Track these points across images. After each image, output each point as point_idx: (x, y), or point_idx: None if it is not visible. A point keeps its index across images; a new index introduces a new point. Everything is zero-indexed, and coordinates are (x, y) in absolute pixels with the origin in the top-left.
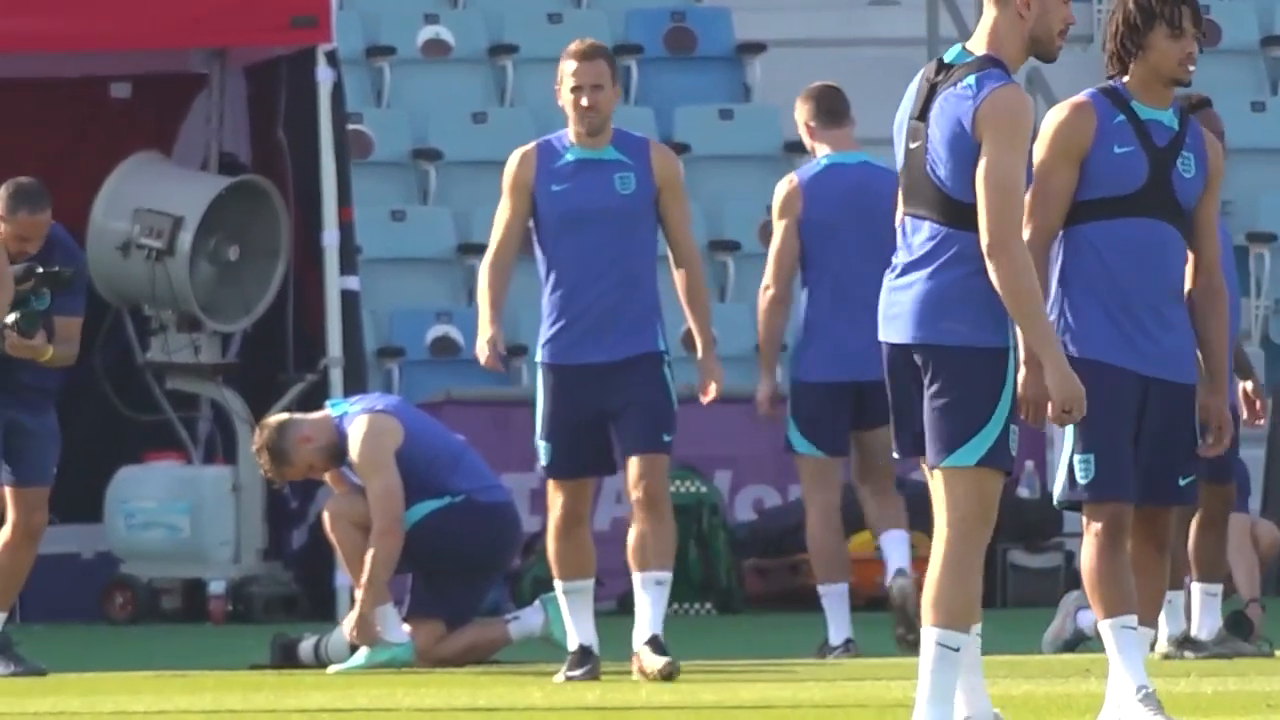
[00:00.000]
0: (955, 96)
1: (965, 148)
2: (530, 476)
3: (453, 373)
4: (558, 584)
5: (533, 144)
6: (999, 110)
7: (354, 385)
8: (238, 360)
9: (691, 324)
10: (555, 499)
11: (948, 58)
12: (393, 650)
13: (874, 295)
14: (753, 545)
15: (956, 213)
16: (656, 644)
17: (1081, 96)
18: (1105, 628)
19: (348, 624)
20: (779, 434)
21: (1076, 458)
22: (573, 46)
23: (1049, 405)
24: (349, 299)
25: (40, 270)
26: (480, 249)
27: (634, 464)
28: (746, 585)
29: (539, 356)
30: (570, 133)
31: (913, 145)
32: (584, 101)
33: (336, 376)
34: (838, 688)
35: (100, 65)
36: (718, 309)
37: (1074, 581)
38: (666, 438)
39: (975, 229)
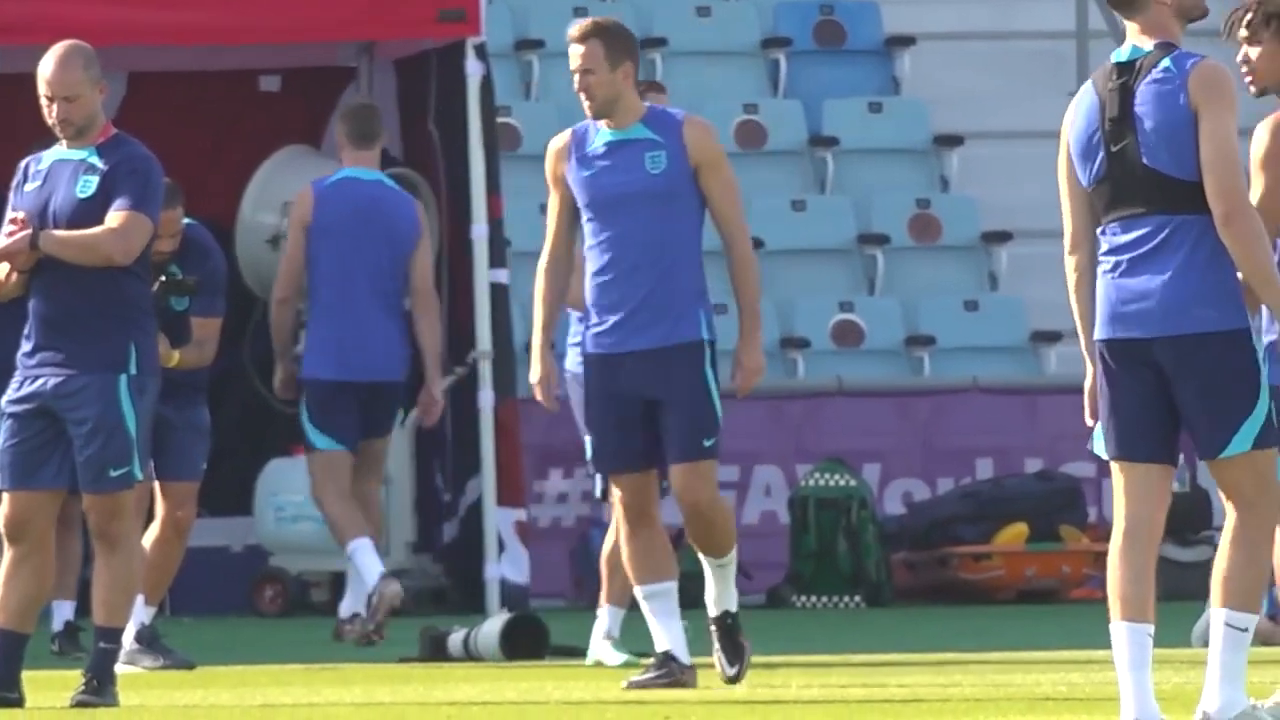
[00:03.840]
0: (1156, 83)
1: (1185, 125)
2: None
3: None
4: (637, 590)
5: (568, 131)
6: (1209, 80)
7: (503, 377)
8: None
9: (739, 306)
10: (617, 499)
11: (1122, 58)
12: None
13: (366, 302)
14: (901, 538)
15: (1184, 197)
16: (723, 624)
17: None
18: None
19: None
20: (928, 427)
21: None
22: (570, 29)
23: None
24: (498, 292)
25: (164, 278)
26: None
27: (676, 474)
28: (895, 578)
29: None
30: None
31: (1116, 147)
32: (576, 85)
33: (486, 369)
34: (987, 680)
35: (250, 59)
36: (866, 301)
37: None
38: (707, 442)
39: (1203, 210)
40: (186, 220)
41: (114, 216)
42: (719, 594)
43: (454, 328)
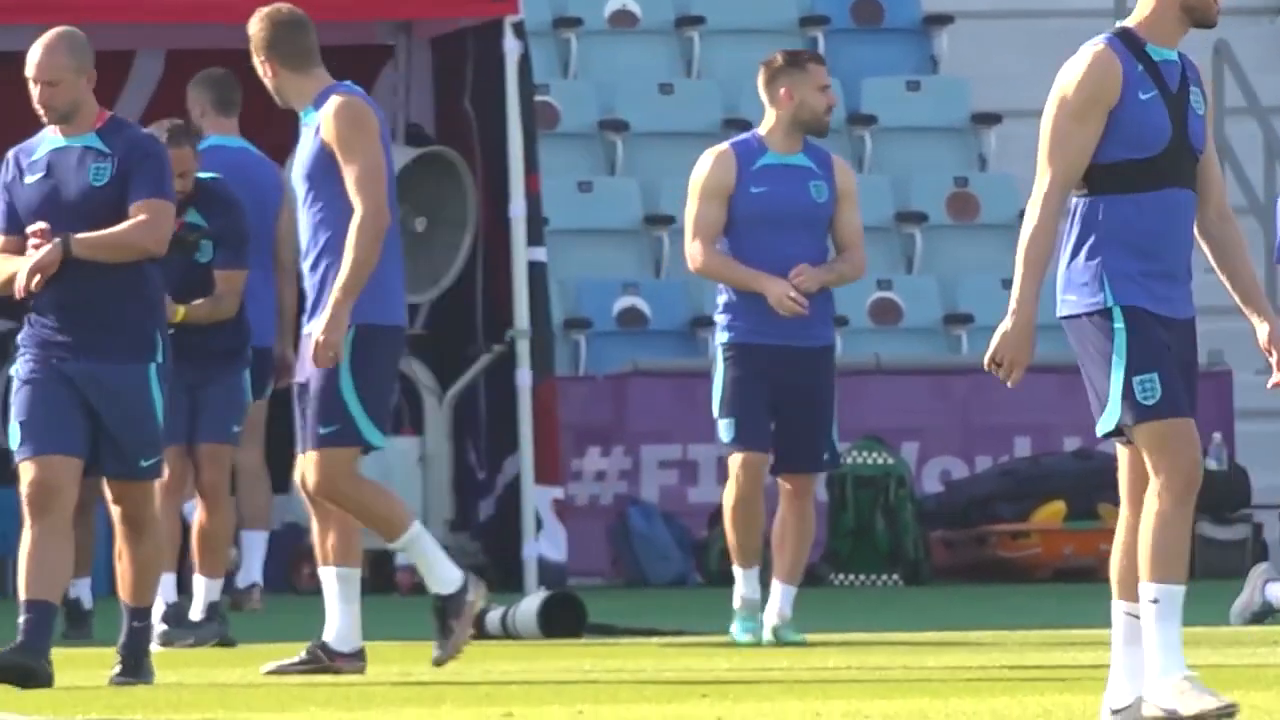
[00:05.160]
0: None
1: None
2: (716, 447)
3: (640, 344)
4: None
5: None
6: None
7: (540, 356)
8: (425, 331)
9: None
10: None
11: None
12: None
13: None
14: (939, 517)
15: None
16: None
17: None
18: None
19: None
20: (967, 405)
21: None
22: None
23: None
24: (536, 270)
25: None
26: (667, 220)
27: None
28: (933, 556)
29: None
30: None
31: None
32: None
33: (523, 348)
34: (1025, 658)
35: None
36: (904, 280)
37: (1262, 553)
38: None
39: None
40: (210, 175)
41: (140, 208)
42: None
43: (491, 306)
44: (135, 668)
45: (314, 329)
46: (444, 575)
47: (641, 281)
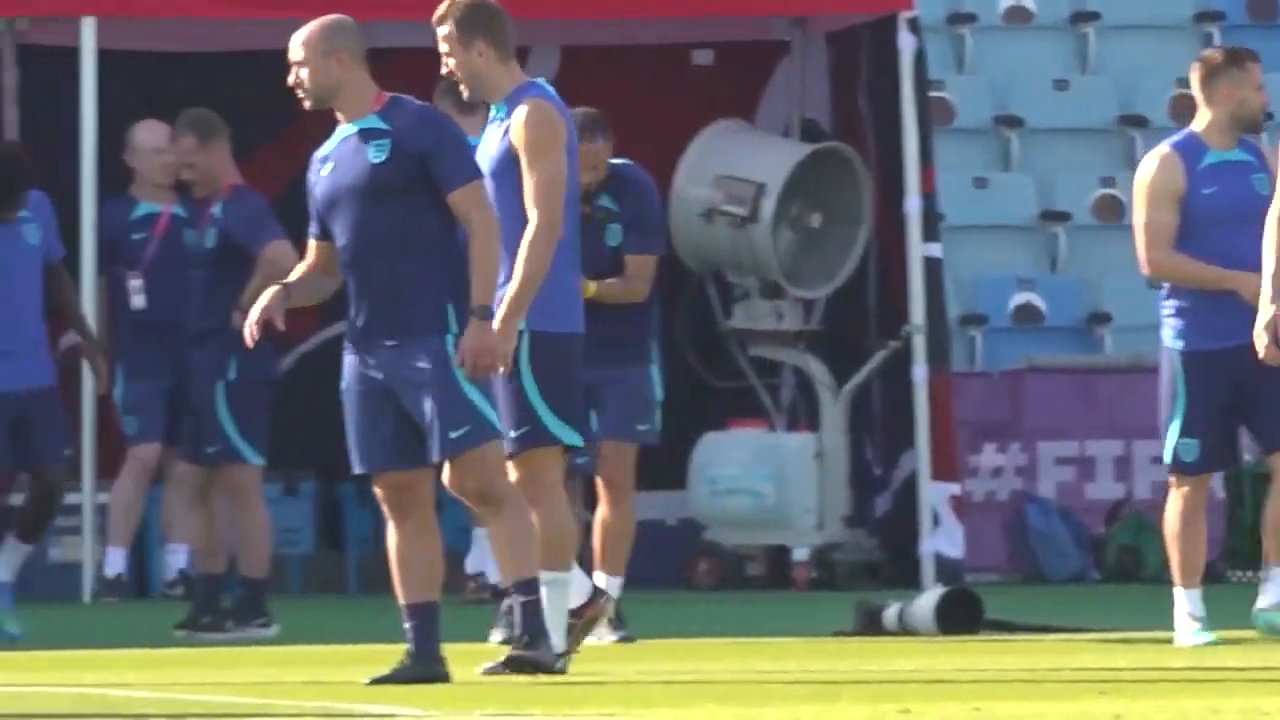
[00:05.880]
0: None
1: None
2: (1114, 444)
3: (1035, 340)
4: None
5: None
6: None
7: (936, 352)
8: (820, 327)
9: None
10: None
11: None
12: None
13: None
14: None
15: None
16: None
17: None
18: None
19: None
20: None
21: None
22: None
23: None
24: (931, 266)
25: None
26: (1062, 216)
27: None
28: None
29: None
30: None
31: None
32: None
33: (919, 343)
34: None
35: (683, 33)
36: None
37: None
38: None
39: None
40: (623, 160)
41: (462, 196)
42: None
43: (887, 302)
44: (532, 642)
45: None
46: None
47: (1037, 278)
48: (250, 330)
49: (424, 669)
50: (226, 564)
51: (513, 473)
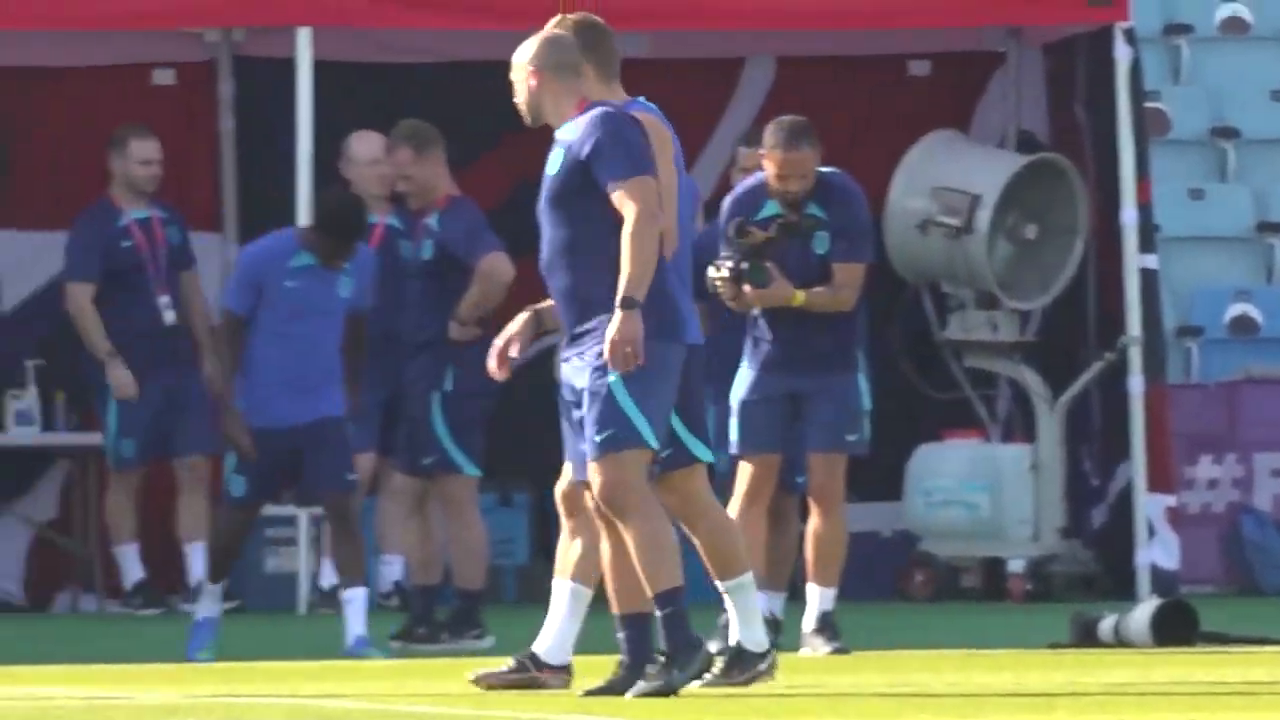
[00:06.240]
0: None
1: None
2: None
3: (1251, 351)
4: None
5: None
6: None
7: (1153, 363)
8: (1036, 338)
9: None
10: None
11: None
12: None
13: None
14: None
15: None
16: None
17: None
18: None
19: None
20: None
21: None
22: None
23: None
24: (1148, 277)
25: (779, 218)
26: (1278, 227)
27: None
28: None
29: None
30: None
31: None
32: None
33: (1135, 354)
34: None
35: (898, 43)
36: (1265, 290)
37: None
38: None
39: None
40: (831, 169)
41: (617, 191)
42: None
43: (1104, 313)
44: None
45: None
46: (759, 635)
47: (1253, 288)
48: (495, 358)
49: (638, 680)
50: (441, 575)
51: (594, 477)
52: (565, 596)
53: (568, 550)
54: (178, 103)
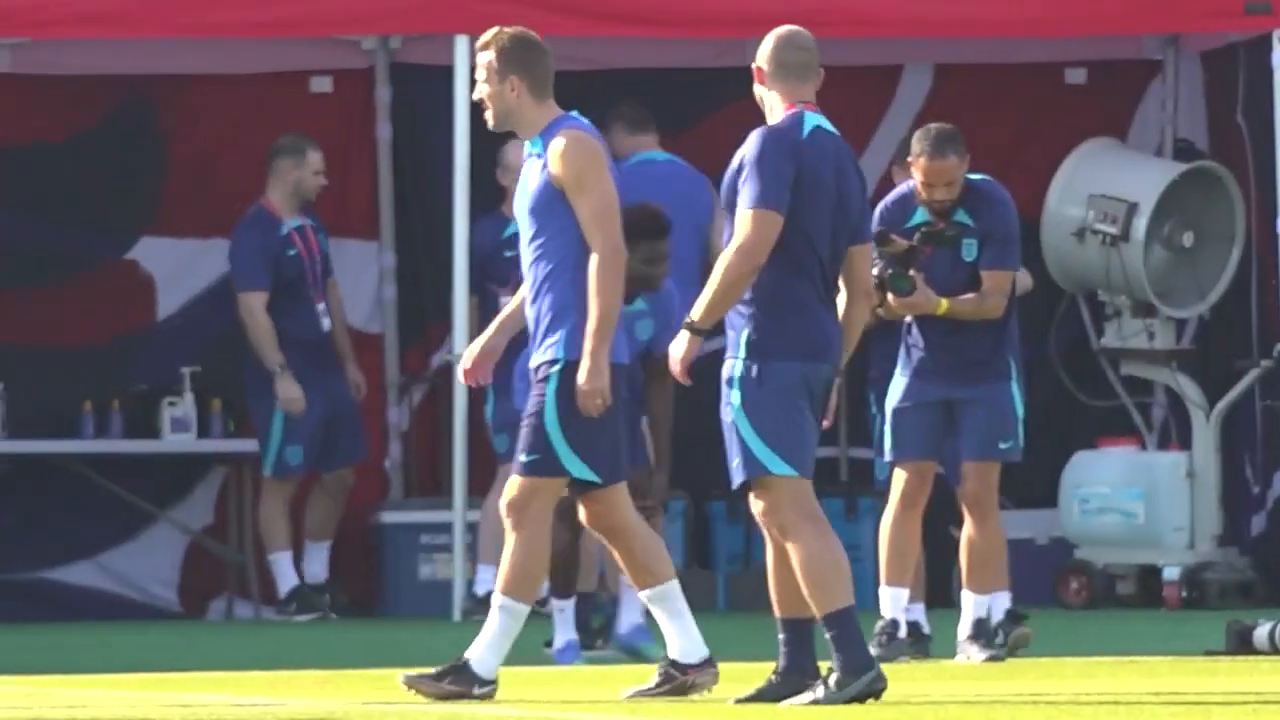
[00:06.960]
0: None
1: None
2: None
3: None
4: None
5: None
6: None
7: None
8: (1193, 346)
9: None
10: None
11: None
12: None
13: None
14: None
15: None
16: None
17: None
18: None
19: None
20: None
21: None
22: None
23: None
24: None
25: (924, 227)
26: None
27: None
28: None
29: None
30: None
31: None
32: None
33: None
34: None
35: (1055, 51)
36: None
37: None
38: None
39: None
40: (980, 176)
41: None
42: None
43: (1264, 320)
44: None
45: (535, 361)
46: (692, 645)
47: None
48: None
49: (792, 687)
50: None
51: (511, 491)
52: (653, 604)
53: (628, 562)
54: (335, 110)
